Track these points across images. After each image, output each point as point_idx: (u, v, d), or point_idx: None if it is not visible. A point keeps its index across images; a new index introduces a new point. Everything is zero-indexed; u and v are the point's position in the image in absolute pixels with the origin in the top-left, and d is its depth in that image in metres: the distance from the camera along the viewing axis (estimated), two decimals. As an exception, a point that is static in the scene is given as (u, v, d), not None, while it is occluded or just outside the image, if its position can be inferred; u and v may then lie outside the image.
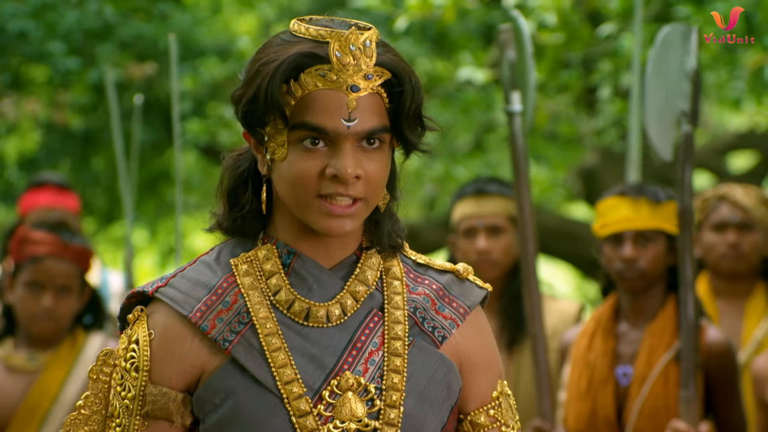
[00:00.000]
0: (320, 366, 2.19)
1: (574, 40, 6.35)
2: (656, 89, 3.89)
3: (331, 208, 2.18)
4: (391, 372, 2.21)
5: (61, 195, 5.73)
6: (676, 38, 3.89)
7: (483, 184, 4.56)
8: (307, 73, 2.17)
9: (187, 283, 2.24)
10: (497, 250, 4.44)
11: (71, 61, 7.66)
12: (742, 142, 9.95)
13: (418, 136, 2.23)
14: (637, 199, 4.08)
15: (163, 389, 2.21)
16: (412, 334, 2.24)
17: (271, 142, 2.20)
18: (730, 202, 4.55)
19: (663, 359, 4.00)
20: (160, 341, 2.22)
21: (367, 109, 2.18)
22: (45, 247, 4.22)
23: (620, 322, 4.13)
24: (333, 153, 2.18)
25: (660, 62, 3.89)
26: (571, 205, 11.86)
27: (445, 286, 2.29)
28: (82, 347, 4.29)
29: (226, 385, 2.18)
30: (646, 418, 3.97)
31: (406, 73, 2.20)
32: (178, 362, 2.21)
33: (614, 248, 4.09)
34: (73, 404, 4.19)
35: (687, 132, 3.85)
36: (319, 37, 2.18)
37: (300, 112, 2.17)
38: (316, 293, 2.22)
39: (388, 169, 2.23)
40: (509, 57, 4.00)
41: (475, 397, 2.30)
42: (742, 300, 4.60)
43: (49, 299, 4.21)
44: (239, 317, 2.21)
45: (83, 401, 2.30)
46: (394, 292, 2.25)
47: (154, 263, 13.47)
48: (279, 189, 2.22)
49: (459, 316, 2.27)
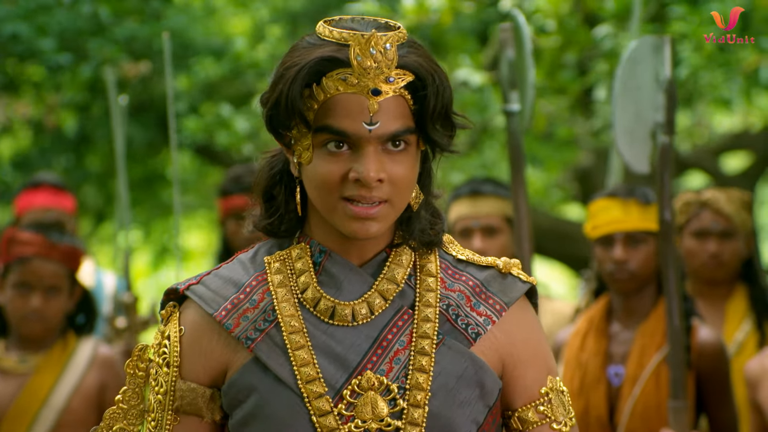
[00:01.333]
0: (343, 365, 2.20)
1: (571, 42, 6.37)
2: (626, 104, 3.90)
3: (355, 210, 2.18)
4: (417, 371, 2.20)
5: (57, 195, 5.73)
6: (646, 51, 3.90)
7: (478, 184, 4.56)
8: (328, 77, 2.17)
9: (218, 282, 2.26)
10: (493, 251, 4.45)
11: (63, 57, 7.65)
12: (736, 142, 9.97)
13: (448, 136, 2.23)
14: (627, 201, 4.09)
15: (192, 385, 2.24)
16: (443, 332, 2.22)
17: (297, 146, 2.21)
18: (713, 210, 4.55)
19: (654, 359, 4.01)
20: (189, 338, 2.24)
21: (390, 111, 2.17)
22: (32, 248, 4.21)
23: (612, 322, 4.14)
24: (356, 156, 2.18)
25: (628, 78, 3.90)
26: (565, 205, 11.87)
27: (483, 283, 2.27)
28: (73, 351, 4.28)
29: (248, 382, 2.20)
30: (637, 418, 3.98)
31: (430, 73, 2.19)
32: (205, 358, 2.23)
33: (605, 250, 4.10)
34: (62, 409, 4.20)
35: (664, 143, 3.84)
36: (341, 40, 2.17)
37: (323, 115, 2.18)
38: (345, 291, 2.22)
39: (415, 170, 2.22)
40: (509, 56, 4.00)
41: (522, 392, 2.27)
42: (723, 302, 4.61)
43: (38, 300, 4.20)
44: (265, 315, 2.22)
45: (122, 395, 2.33)
46: (426, 289, 2.24)
47: (148, 263, 13.47)
48: (308, 191, 2.23)
49: (495, 312, 2.25)
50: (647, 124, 3.88)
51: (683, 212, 4.58)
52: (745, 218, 4.56)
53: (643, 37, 4.00)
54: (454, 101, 2.25)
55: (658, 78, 3.86)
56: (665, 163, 3.83)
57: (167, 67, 4.87)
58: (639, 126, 3.89)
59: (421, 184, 2.26)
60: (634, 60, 3.90)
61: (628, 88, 3.89)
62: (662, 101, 3.85)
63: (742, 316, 4.56)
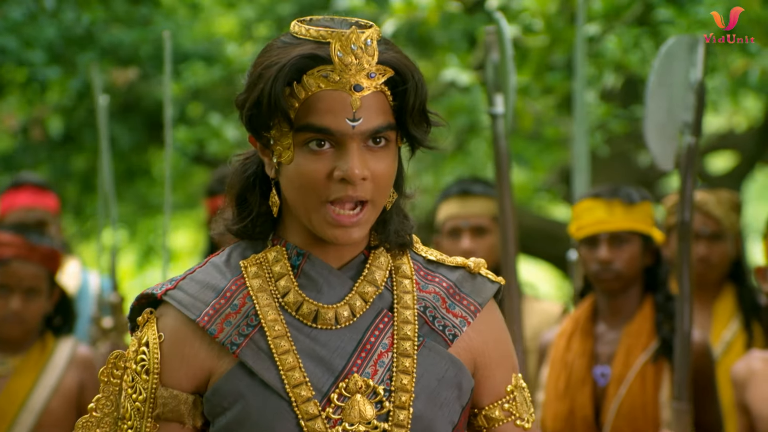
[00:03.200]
0: (329, 368, 2.18)
1: (558, 42, 6.36)
2: (659, 100, 3.88)
3: (337, 219, 2.17)
4: (401, 373, 2.20)
5: (40, 195, 5.71)
6: (681, 49, 3.88)
7: (468, 184, 4.57)
8: (309, 75, 2.16)
9: (195, 286, 2.23)
10: (481, 251, 4.45)
11: (51, 70, 7.64)
12: (721, 143, 9.98)
13: (424, 132, 2.23)
14: (611, 201, 4.10)
15: (174, 392, 2.21)
16: (422, 334, 2.22)
17: (277, 146, 2.19)
18: (703, 212, 4.55)
19: (640, 359, 4.01)
20: (169, 344, 2.21)
21: (371, 108, 2.17)
22: (11, 249, 4.18)
23: (598, 322, 4.15)
24: (339, 154, 2.16)
25: (663, 73, 3.88)
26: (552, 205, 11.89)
27: (456, 284, 2.28)
28: (52, 353, 4.26)
29: (234, 388, 2.18)
30: (623, 419, 3.98)
31: (409, 69, 2.19)
32: (187, 365, 2.21)
33: (590, 250, 4.11)
34: (41, 410, 4.18)
35: (690, 143, 3.83)
36: (320, 38, 2.17)
37: (304, 114, 2.16)
38: (326, 294, 2.21)
39: (395, 167, 2.22)
40: (493, 59, 4.00)
41: (490, 391, 2.28)
42: (711, 303, 4.62)
43: (17, 302, 4.18)
44: (248, 320, 2.20)
45: (95, 404, 2.29)
46: (403, 291, 2.24)
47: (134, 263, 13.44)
48: (287, 193, 2.20)
49: (470, 313, 2.26)
50: (676, 123, 3.87)
51: (673, 213, 4.59)
52: (733, 220, 4.57)
53: (680, 35, 4.00)
54: (443, 103, 2.25)
55: (689, 78, 3.85)
56: (689, 163, 3.82)
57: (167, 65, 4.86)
58: (669, 123, 3.87)
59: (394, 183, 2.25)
60: (670, 56, 3.88)
61: (662, 84, 3.88)
62: (692, 101, 3.84)
63: (729, 316, 4.57)
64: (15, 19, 7.61)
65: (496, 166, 4.07)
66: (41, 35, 7.68)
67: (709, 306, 4.61)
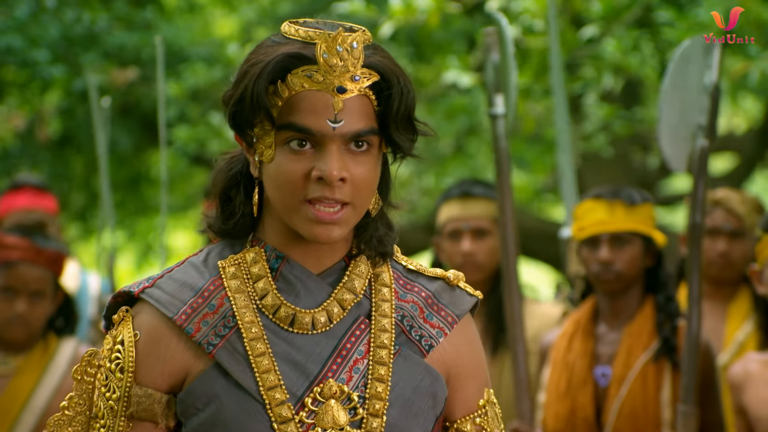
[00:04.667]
0: (304, 373, 2.17)
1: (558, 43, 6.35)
2: (673, 102, 3.87)
3: (318, 215, 2.16)
4: (376, 381, 2.19)
5: (40, 197, 5.72)
6: (696, 52, 3.88)
7: (469, 186, 4.56)
8: (294, 74, 2.15)
9: (173, 285, 2.22)
10: (482, 253, 4.45)
11: (56, 69, 7.66)
12: (721, 144, 9.99)
13: (410, 140, 2.21)
14: (612, 202, 4.11)
15: (148, 390, 2.19)
16: (398, 343, 2.22)
17: (259, 144, 2.18)
18: (725, 209, 4.55)
19: (641, 360, 4.02)
20: (145, 342, 2.20)
21: (354, 110, 2.16)
22: (18, 252, 4.19)
23: (599, 323, 4.15)
24: (319, 155, 2.15)
25: (678, 76, 3.87)
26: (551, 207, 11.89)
27: (435, 294, 2.27)
28: (54, 353, 4.26)
29: (209, 389, 2.17)
30: (624, 419, 3.99)
31: (395, 74, 2.18)
32: (163, 364, 2.19)
33: (591, 251, 4.12)
34: (43, 410, 4.18)
35: (703, 146, 3.83)
36: (307, 39, 2.16)
37: (287, 112, 2.16)
38: (303, 299, 2.20)
39: (377, 172, 2.20)
40: (494, 59, 4.00)
41: (462, 404, 2.28)
42: (726, 303, 4.61)
43: (23, 304, 4.18)
44: (225, 321, 2.18)
45: (67, 402, 2.28)
46: (382, 300, 2.23)
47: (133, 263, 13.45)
48: (268, 192, 2.20)
49: (447, 324, 2.25)
50: (689, 125, 3.86)
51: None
52: (756, 220, 4.55)
53: (695, 37, 3.97)
54: (443, 105, 2.24)
55: (704, 81, 3.84)
56: (702, 166, 3.81)
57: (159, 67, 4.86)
58: (682, 125, 3.87)
59: (379, 191, 2.24)
60: (686, 58, 3.87)
61: (676, 86, 3.88)
62: (706, 104, 3.84)
63: (744, 317, 4.56)
64: (20, 18, 7.63)
65: (496, 166, 4.07)
66: (45, 34, 7.70)
67: (724, 305, 4.60)
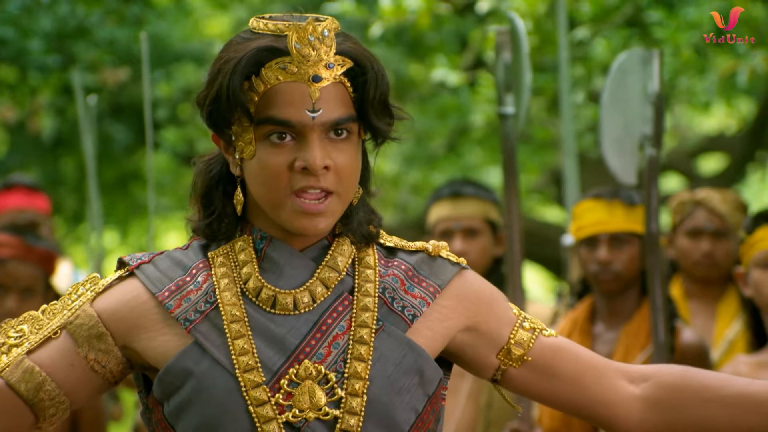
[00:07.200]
0: (281, 348, 2.17)
1: (547, 44, 6.38)
2: (614, 115, 3.91)
3: (303, 206, 2.17)
4: (355, 360, 2.18)
5: (31, 196, 5.72)
6: (635, 63, 3.92)
7: (459, 186, 4.57)
8: (267, 68, 2.16)
9: (168, 263, 2.23)
10: (473, 253, 4.45)
11: (51, 59, 7.65)
12: (711, 144, 10.02)
13: (387, 123, 2.21)
14: (611, 202, 4.12)
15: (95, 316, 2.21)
16: (381, 316, 2.21)
17: (238, 141, 2.18)
18: (707, 209, 4.56)
19: (638, 359, 4.03)
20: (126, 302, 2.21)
21: (331, 99, 2.16)
22: (8, 250, 4.20)
23: (596, 323, 4.16)
24: (300, 146, 2.16)
25: (617, 89, 3.91)
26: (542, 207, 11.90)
27: (415, 266, 2.26)
28: None
29: (186, 366, 2.17)
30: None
31: (368, 60, 2.18)
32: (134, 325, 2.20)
33: (589, 251, 4.13)
34: None
35: (652, 155, 3.85)
36: (277, 31, 2.17)
37: (264, 107, 2.16)
38: (287, 277, 2.20)
39: (358, 160, 2.21)
40: (505, 59, 4.02)
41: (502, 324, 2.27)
42: (715, 302, 4.62)
43: (14, 302, 4.19)
44: (206, 297, 2.20)
45: (48, 307, 2.29)
46: (365, 280, 2.23)
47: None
48: (252, 189, 2.20)
49: (429, 294, 2.24)
50: (635, 136, 3.89)
51: (678, 212, 4.61)
52: (739, 219, 4.57)
53: (633, 49, 4.02)
54: (434, 104, 2.25)
55: (647, 91, 3.87)
56: (652, 175, 3.83)
57: (144, 63, 4.86)
58: (627, 137, 3.90)
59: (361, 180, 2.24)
60: (623, 71, 3.91)
61: (617, 99, 3.91)
62: (650, 114, 3.87)
63: (733, 316, 4.57)
64: (11, 12, 7.63)
65: (504, 166, 4.08)
66: (38, 27, 7.69)
67: (712, 306, 4.62)
